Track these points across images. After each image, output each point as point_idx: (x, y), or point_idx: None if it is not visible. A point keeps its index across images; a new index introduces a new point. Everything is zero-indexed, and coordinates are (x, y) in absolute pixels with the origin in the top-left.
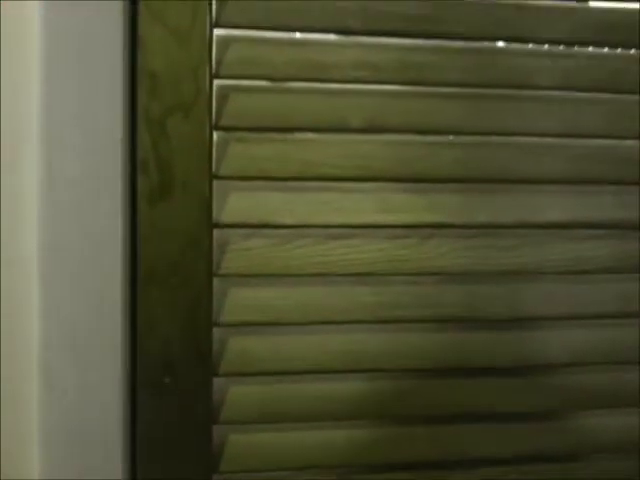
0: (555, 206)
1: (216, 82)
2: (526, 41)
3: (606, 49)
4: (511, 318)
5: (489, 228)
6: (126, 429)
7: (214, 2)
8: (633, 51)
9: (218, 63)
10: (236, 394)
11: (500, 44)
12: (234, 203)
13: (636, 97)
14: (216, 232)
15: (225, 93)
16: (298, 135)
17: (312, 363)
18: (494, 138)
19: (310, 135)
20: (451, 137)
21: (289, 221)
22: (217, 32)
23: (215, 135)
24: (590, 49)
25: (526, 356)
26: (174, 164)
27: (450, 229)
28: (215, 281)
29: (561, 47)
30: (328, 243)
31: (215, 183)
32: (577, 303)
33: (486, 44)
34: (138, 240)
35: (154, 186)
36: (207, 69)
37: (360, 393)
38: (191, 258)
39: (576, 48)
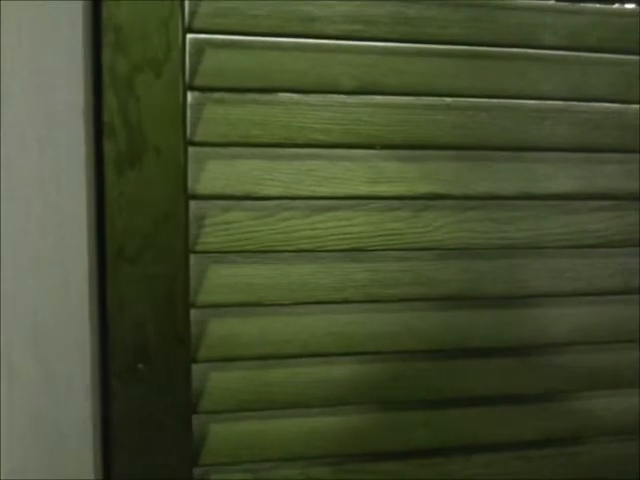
0: (559, 175)
1: (189, 36)
2: None
3: (616, 5)
4: (511, 296)
5: (488, 199)
6: (97, 421)
7: None
8: None
9: (192, 14)
10: (217, 381)
11: None
12: (212, 172)
13: None
14: (192, 204)
15: (200, 49)
16: (282, 96)
17: (300, 346)
18: (494, 101)
19: (295, 96)
20: (448, 99)
21: (273, 192)
22: None
23: (189, 96)
24: (597, 5)
25: (527, 335)
26: (144, 128)
27: (446, 200)
28: (192, 258)
29: (566, 3)
30: (315, 216)
31: (190, 150)
32: (581, 278)
33: None
34: (105, 213)
35: (122, 152)
36: (179, 21)
37: (352, 377)
38: (165, 233)
39: (582, 4)
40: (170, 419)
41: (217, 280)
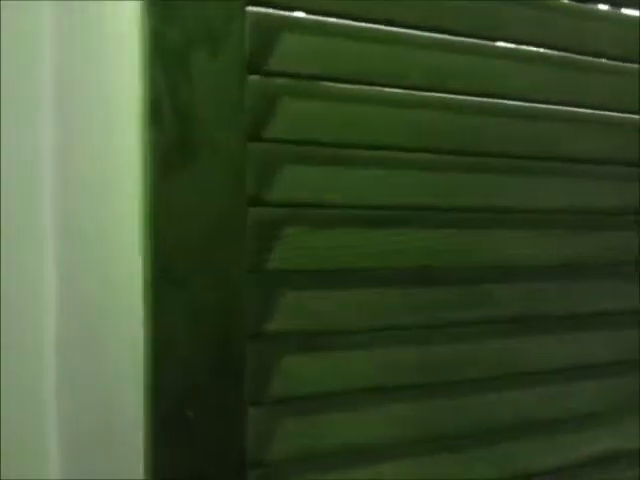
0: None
1: (252, 9)
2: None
3: None
4: (574, 316)
5: (556, 214)
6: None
7: None
8: None
9: None
10: (281, 428)
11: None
12: (279, 175)
13: None
14: (253, 212)
15: (266, 26)
16: (354, 90)
17: (377, 382)
18: (559, 109)
19: (367, 91)
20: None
21: (346, 201)
22: None
23: (253, 80)
24: None
25: (586, 356)
26: (197, 113)
27: (515, 215)
28: (253, 279)
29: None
30: (392, 228)
31: (251, 146)
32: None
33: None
34: (149, 220)
35: (171, 144)
36: None
37: (431, 413)
38: (220, 248)
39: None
40: (224, 475)
41: (283, 305)
